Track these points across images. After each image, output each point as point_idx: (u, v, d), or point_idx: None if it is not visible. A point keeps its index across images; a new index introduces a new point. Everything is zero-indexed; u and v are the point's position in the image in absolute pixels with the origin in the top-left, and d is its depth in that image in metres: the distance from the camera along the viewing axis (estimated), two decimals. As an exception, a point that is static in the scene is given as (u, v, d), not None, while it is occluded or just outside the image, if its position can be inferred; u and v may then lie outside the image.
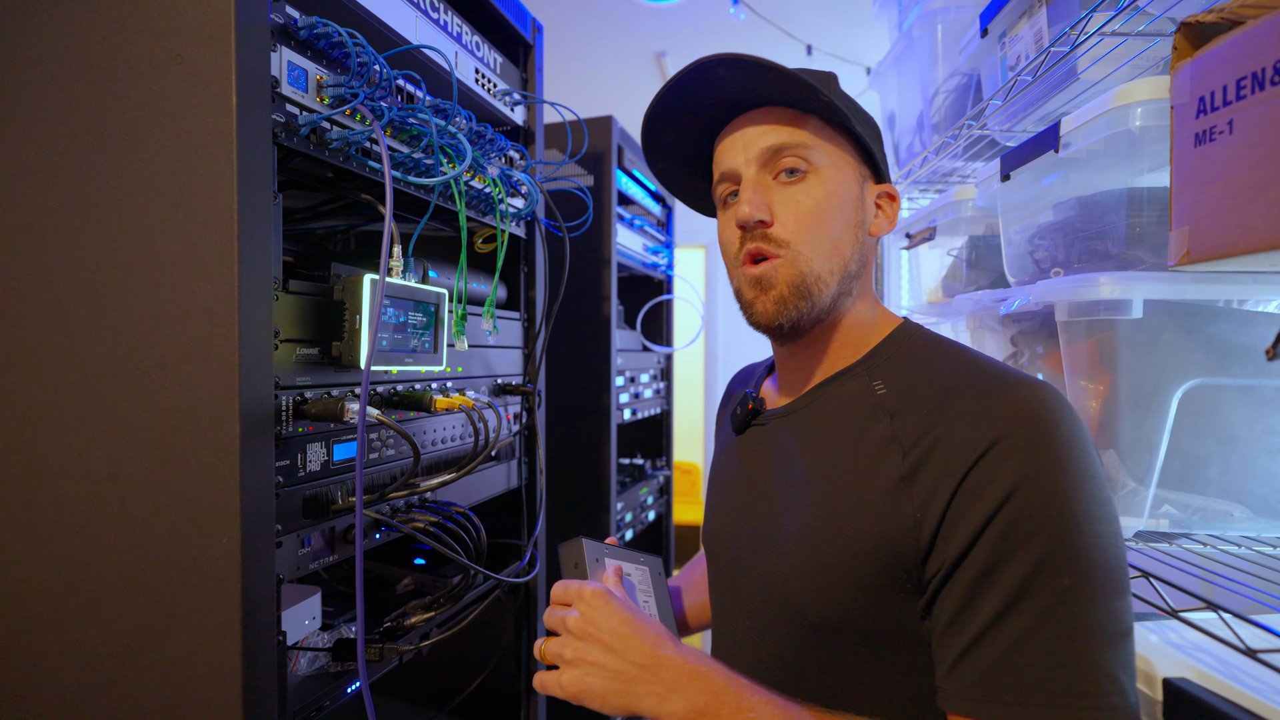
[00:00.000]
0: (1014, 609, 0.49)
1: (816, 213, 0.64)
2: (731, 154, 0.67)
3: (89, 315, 0.60)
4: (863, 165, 0.68)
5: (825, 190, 0.64)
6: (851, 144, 0.67)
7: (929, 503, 0.54)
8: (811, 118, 0.65)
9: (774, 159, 0.64)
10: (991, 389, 0.55)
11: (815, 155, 0.64)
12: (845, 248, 0.65)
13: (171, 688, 0.58)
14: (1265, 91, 0.50)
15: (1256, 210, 0.51)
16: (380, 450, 0.77)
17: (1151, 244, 0.74)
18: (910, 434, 0.57)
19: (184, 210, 0.57)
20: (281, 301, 0.63)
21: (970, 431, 0.53)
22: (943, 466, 0.54)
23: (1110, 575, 0.50)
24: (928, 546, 0.54)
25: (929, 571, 0.54)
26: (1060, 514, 0.50)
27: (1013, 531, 0.50)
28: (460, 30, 0.91)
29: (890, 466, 0.57)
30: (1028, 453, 0.51)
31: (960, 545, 0.52)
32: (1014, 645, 0.49)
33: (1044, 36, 0.90)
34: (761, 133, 0.65)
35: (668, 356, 2.16)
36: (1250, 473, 0.75)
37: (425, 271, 0.85)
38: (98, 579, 0.60)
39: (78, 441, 0.61)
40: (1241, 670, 0.59)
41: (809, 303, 0.64)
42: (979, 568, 0.51)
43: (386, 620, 0.81)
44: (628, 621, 0.59)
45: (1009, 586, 0.50)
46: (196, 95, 0.57)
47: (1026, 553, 0.50)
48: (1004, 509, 0.50)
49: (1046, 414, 0.52)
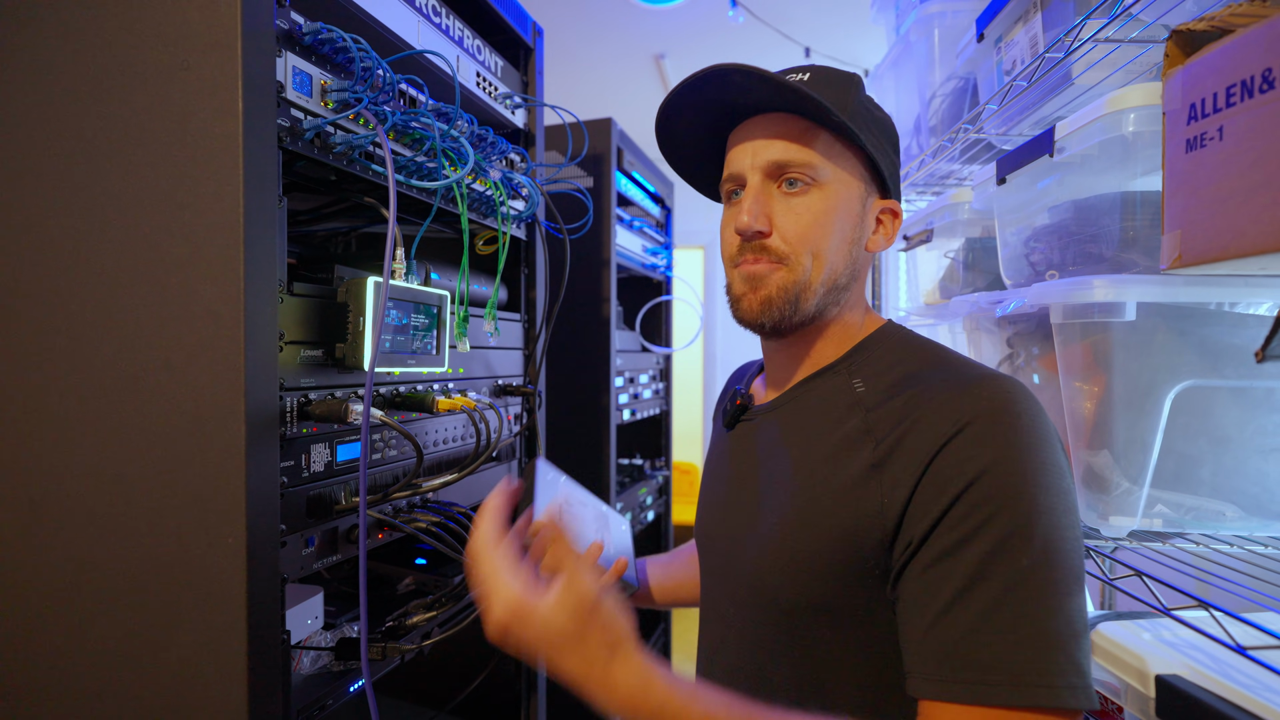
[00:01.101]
0: (974, 589, 0.50)
1: (816, 225, 0.65)
2: (739, 159, 0.68)
3: (96, 317, 0.61)
4: (870, 180, 0.68)
5: (826, 205, 0.65)
6: (861, 158, 0.67)
7: (895, 489, 0.56)
8: (823, 131, 0.65)
9: (779, 171, 0.65)
10: (960, 383, 0.57)
11: (820, 172, 0.65)
12: (838, 262, 0.66)
13: (176, 686, 0.59)
14: (1255, 99, 0.50)
15: (1247, 214, 0.52)
16: (383, 451, 0.78)
17: (1145, 247, 0.75)
18: (883, 425, 0.59)
19: (190, 213, 0.58)
20: (286, 304, 0.64)
21: (937, 420, 0.55)
22: (910, 454, 0.55)
23: (1067, 564, 0.51)
24: (893, 532, 0.55)
25: (895, 555, 0.56)
26: (1020, 497, 0.51)
27: (974, 513, 0.51)
28: (462, 34, 0.92)
29: (863, 456, 0.59)
30: (991, 439, 0.53)
31: (924, 528, 0.53)
32: (974, 625, 0.50)
33: (1039, 42, 0.91)
34: (770, 145, 0.66)
35: (667, 357, 2.17)
36: (1242, 473, 0.76)
37: (428, 274, 0.86)
38: (103, 578, 0.61)
39: (84, 442, 0.61)
40: (1233, 667, 0.60)
41: (793, 308, 0.65)
42: (941, 548, 0.52)
43: (388, 619, 0.81)
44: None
45: (970, 565, 0.51)
46: (203, 100, 0.57)
47: (987, 533, 0.51)
48: (967, 492, 0.52)
49: (1011, 405, 0.54)
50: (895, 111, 1.56)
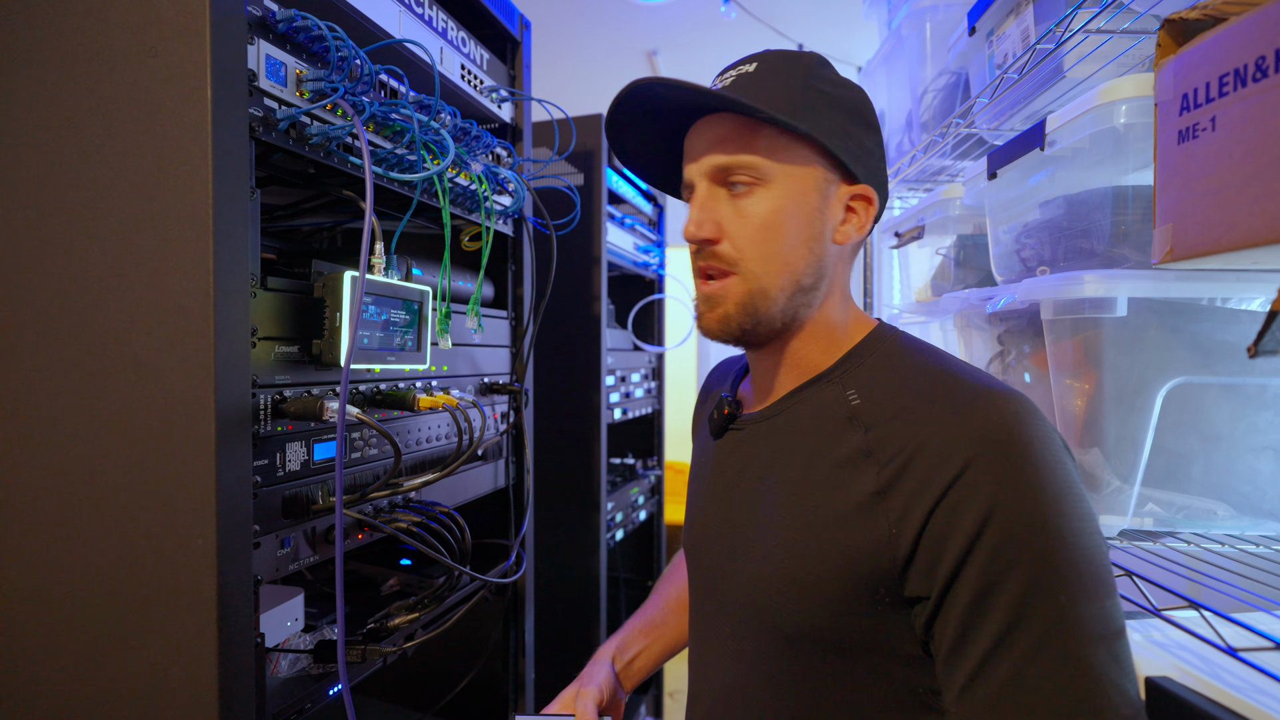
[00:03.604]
0: (1015, 631, 0.49)
1: (765, 228, 0.62)
2: (687, 165, 0.67)
3: (62, 312, 0.59)
4: (832, 168, 0.64)
5: (775, 204, 0.62)
6: (816, 147, 0.63)
7: (904, 518, 0.54)
8: (765, 127, 0.62)
9: (723, 175, 0.64)
10: (964, 403, 0.55)
11: (764, 170, 0.62)
12: (798, 262, 0.63)
13: (147, 691, 0.58)
14: (1248, 88, 0.49)
15: (1239, 207, 0.51)
16: (363, 450, 0.76)
17: (1136, 242, 0.74)
18: (884, 448, 0.57)
19: (158, 205, 0.56)
20: (260, 299, 0.62)
21: (944, 447, 0.53)
22: (918, 483, 0.54)
23: (1100, 581, 0.50)
24: (905, 561, 0.54)
25: (912, 588, 0.54)
26: (1044, 530, 0.50)
27: (1001, 553, 0.50)
28: (446, 26, 0.91)
29: (865, 481, 0.57)
30: (1003, 471, 0.51)
31: (948, 568, 0.52)
32: (1019, 667, 0.49)
33: (1030, 34, 0.90)
34: (710, 148, 0.64)
35: (659, 356, 2.16)
36: (1233, 471, 0.75)
37: (409, 269, 0.84)
38: (70, 581, 0.59)
39: (51, 441, 0.60)
40: (1223, 669, 0.59)
41: (753, 319, 0.63)
42: (973, 592, 0.51)
43: (370, 621, 0.80)
44: None
45: (1007, 608, 0.50)
46: (171, 88, 0.56)
47: (1017, 573, 0.50)
48: (987, 530, 0.50)
49: (1020, 429, 0.52)
50: (887, 107, 1.55)
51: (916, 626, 0.55)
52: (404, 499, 0.82)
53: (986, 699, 0.50)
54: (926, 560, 0.53)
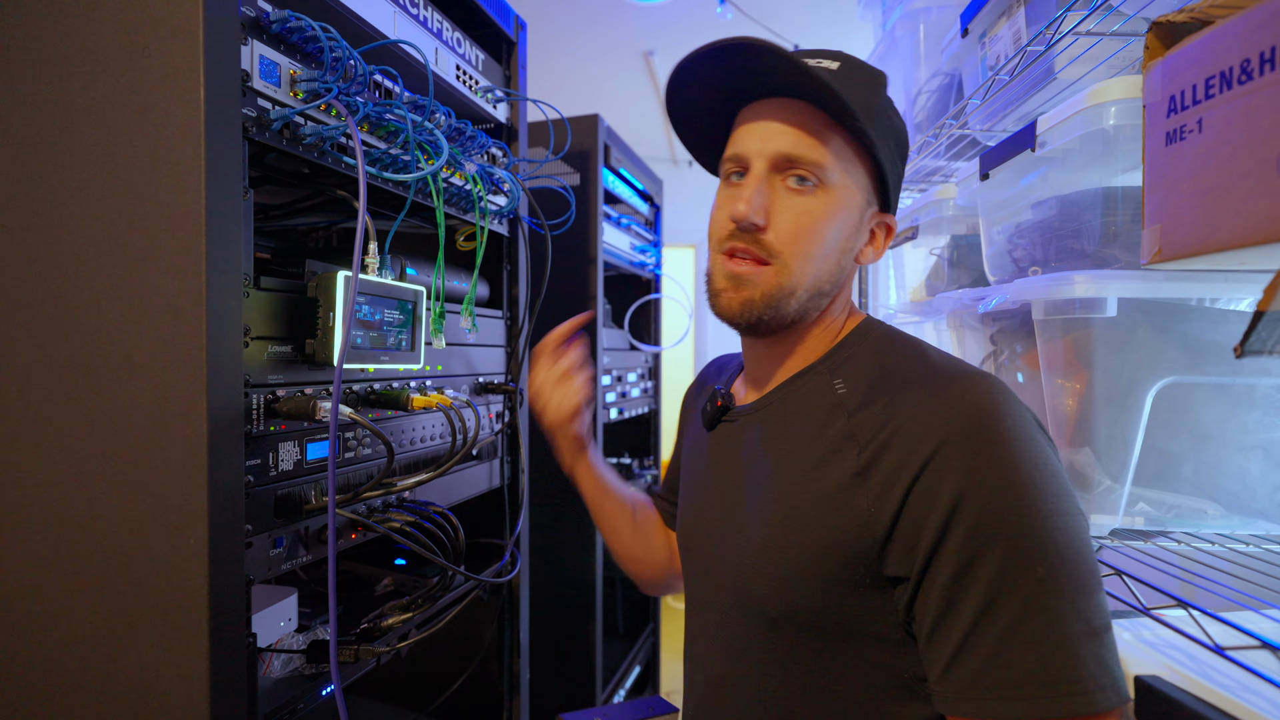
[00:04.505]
0: (994, 605, 0.50)
1: (813, 231, 0.62)
2: (747, 140, 0.64)
3: (54, 311, 0.59)
4: (872, 192, 0.66)
5: (828, 211, 0.62)
6: (870, 168, 0.64)
7: (883, 498, 0.55)
8: (840, 131, 0.62)
9: (787, 165, 0.62)
10: (940, 385, 0.56)
11: (830, 175, 0.62)
12: (827, 270, 0.64)
13: (137, 691, 0.57)
14: (1233, 90, 0.50)
15: (1225, 208, 0.52)
16: (356, 450, 0.76)
17: (1126, 242, 0.74)
18: (865, 431, 0.58)
19: (151, 205, 0.56)
20: (253, 298, 0.62)
21: (921, 428, 0.54)
22: (896, 462, 0.55)
23: (1080, 565, 0.51)
24: (883, 540, 0.55)
25: (891, 568, 0.55)
26: (1018, 505, 0.50)
27: (977, 530, 0.51)
28: (440, 26, 0.91)
29: (846, 462, 0.58)
30: (977, 449, 0.52)
31: (927, 547, 0.53)
32: (1001, 641, 0.50)
33: (1022, 35, 0.90)
34: (783, 135, 0.62)
35: (655, 356, 2.16)
36: (1223, 470, 0.75)
37: (403, 268, 0.84)
38: (62, 580, 0.59)
39: (42, 440, 0.60)
40: (1212, 668, 0.59)
41: (773, 312, 0.64)
42: (952, 570, 0.52)
43: (364, 621, 0.80)
44: None
45: (985, 583, 0.50)
46: (164, 88, 0.56)
47: (995, 548, 0.50)
48: (963, 507, 0.51)
49: (993, 409, 0.53)
50: (882, 108, 1.55)
51: (898, 609, 0.56)
52: (397, 499, 0.82)
53: (969, 676, 0.51)
54: (905, 541, 0.54)
